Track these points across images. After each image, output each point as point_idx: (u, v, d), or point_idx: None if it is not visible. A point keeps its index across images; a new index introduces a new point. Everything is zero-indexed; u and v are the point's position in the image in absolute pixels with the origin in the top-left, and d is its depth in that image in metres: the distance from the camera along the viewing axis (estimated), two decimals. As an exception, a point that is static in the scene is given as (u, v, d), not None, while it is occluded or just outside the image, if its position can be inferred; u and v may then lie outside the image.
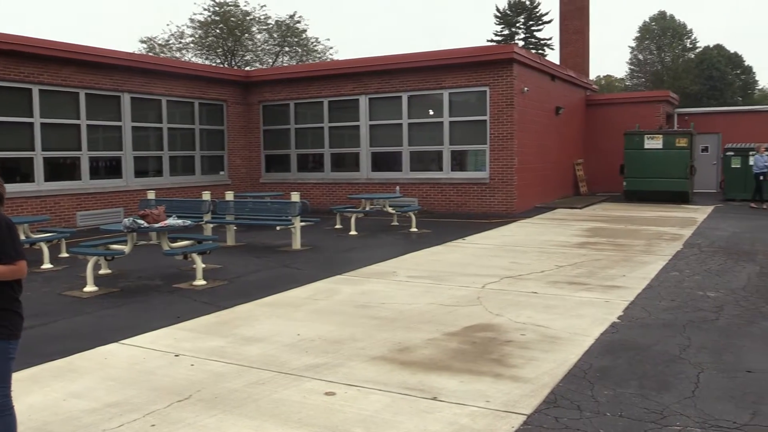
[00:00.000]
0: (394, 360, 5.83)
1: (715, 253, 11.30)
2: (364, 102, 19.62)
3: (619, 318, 7.15)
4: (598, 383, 5.22)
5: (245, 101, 21.36)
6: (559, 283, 8.96)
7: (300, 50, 49.65)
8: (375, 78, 19.32)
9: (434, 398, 4.93)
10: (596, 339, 6.37)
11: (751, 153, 20.54)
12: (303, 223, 12.90)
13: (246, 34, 47.41)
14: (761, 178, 19.45)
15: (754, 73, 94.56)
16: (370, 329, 6.81)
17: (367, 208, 15.52)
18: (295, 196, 12.83)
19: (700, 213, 17.87)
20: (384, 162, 19.66)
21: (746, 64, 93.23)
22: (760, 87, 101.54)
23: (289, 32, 48.38)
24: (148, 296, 8.68)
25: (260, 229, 14.77)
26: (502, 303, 7.83)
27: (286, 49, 49.44)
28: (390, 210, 15.66)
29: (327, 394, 5.05)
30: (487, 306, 7.69)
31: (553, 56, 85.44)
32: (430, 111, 18.94)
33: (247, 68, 44.35)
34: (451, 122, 18.49)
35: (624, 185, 21.46)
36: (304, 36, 49.47)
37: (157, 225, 9.34)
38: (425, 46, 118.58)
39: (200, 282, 9.21)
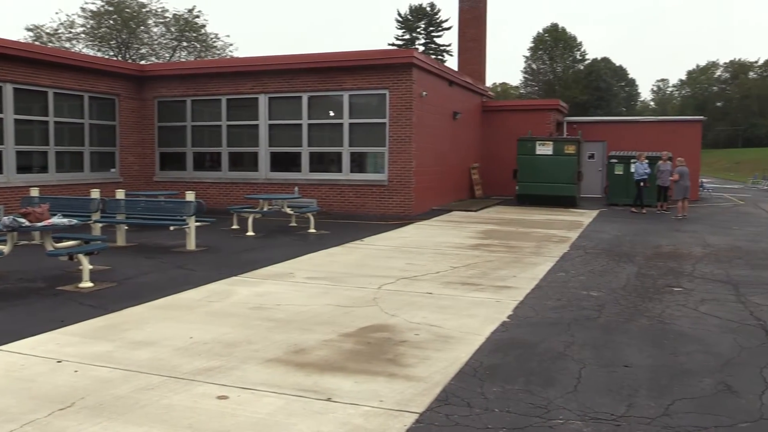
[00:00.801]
0: (289, 362, 5.80)
1: (599, 255, 11.92)
2: (263, 101, 19.38)
3: (509, 317, 7.41)
4: (487, 380, 5.40)
5: (139, 96, 20.61)
6: (453, 283, 9.19)
7: (198, 46, 48.46)
8: (275, 77, 19.12)
9: (328, 399, 4.94)
10: (487, 338, 6.58)
11: (632, 161, 21.79)
12: (198, 224, 12.58)
13: (142, 27, 45.75)
14: (642, 184, 20.68)
15: (636, 85, 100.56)
16: (265, 331, 6.74)
17: (265, 209, 15.34)
18: (191, 196, 12.50)
19: (586, 217, 18.80)
20: (283, 162, 19.49)
21: (630, 77, 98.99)
22: (641, 99, 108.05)
23: (187, 27, 47.11)
24: (30, 300, 8.21)
25: (153, 230, 14.29)
26: (397, 304, 7.94)
27: (184, 44, 48.14)
28: (288, 211, 15.54)
29: (219, 398, 4.95)
30: (383, 307, 7.79)
31: (452, 62, 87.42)
32: (331, 112, 18.95)
33: (142, 62, 42.81)
34: (350, 124, 18.57)
35: (517, 189, 22.26)
36: (203, 31, 48.33)
37: (39, 224, 8.86)
38: (328, 47, 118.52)
39: (87, 284, 8.80)
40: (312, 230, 14.80)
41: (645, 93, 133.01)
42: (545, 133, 24.47)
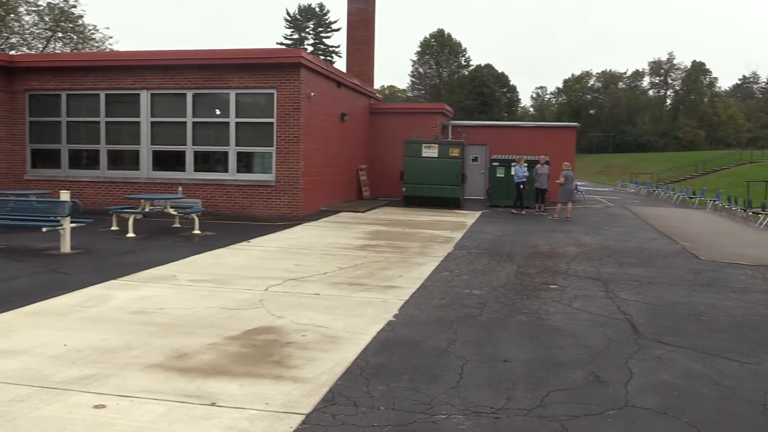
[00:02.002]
0: (171, 367, 5.63)
1: (481, 255, 12.35)
2: (145, 97, 18.67)
3: (394, 317, 7.54)
4: (373, 379, 5.48)
5: (8, 89, 19.30)
6: (340, 284, 9.24)
7: (75, 37, 46.01)
8: (158, 73, 18.48)
9: (213, 404, 4.85)
10: (373, 337, 6.67)
11: (513, 164, 22.72)
12: (74, 225, 11.95)
13: (12, 15, 42.85)
14: (521, 186, 21.61)
15: (517, 92, 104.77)
16: (146, 336, 6.51)
17: (147, 209, 14.79)
18: (65, 195, 11.86)
19: (469, 218, 19.41)
20: (166, 161, 18.86)
21: (511, 83, 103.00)
22: (522, 105, 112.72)
23: (62, 17, 44.60)
24: None
25: (24, 231, 13.44)
26: (284, 305, 7.90)
27: (59, 34, 45.54)
28: (172, 211, 15.06)
29: (96, 407, 4.74)
30: (270, 308, 7.71)
31: (341, 64, 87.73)
32: (217, 110, 18.54)
33: (12, 52, 40.13)
34: (237, 123, 18.24)
35: (403, 190, 22.65)
36: (80, 22, 45.92)
37: None
38: (215, 44, 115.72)
39: (-53, 290, 8.16)
40: (197, 231, 14.42)
41: (525, 99, 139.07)
42: (431, 136, 25.05)
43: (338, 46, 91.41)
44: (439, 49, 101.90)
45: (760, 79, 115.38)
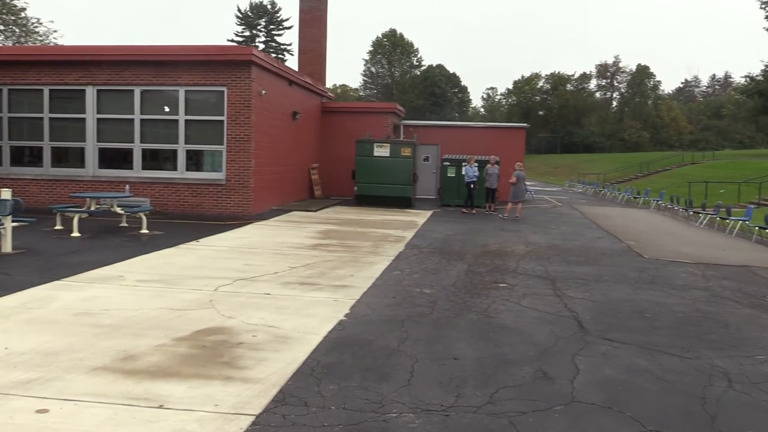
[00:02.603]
0: (117, 369, 5.52)
1: (432, 254, 12.44)
2: (91, 93, 18.22)
3: (346, 316, 7.55)
4: (324, 379, 5.47)
5: (-56, 83, 18.59)
6: (291, 284, 9.19)
7: (17, 30, 44.59)
8: (105, 68, 18.05)
9: (160, 406, 4.77)
10: (324, 337, 6.66)
11: (463, 164, 22.95)
12: (15, 224, 11.59)
13: (-53, 6, 41.35)
14: (472, 186, 21.85)
15: (468, 92, 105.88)
16: (91, 338, 6.36)
17: (93, 208, 14.44)
18: (6, 193, 11.49)
19: (421, 217, 19.53)
20: (113, 159, 18.44)
21: (462, 84, 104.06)
22: (473, 105, 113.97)
23: (4, 9, 43.17)
24: None
25: (-39, 230, 12.96)
26: (234, 305, 7.82)
27: (0, 27, 44.08)
28: (118, 210, 14.73)
29: (39, 411, 4.62)
30: (220, 309, 7.63)
31: (293, 62, 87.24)
32: (165, 108, 18.22)
33: (-52, 45, 38.67)
34: (187, 121, 17.96)
35: (355, 190, 22.66)
36: (22, 15, 44.53)
37: None
38: (166, 40, 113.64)
39: None
40: (144, 231, 14.14)
41: (476, 100, 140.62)
42: (383, 136, 25.12)
43: (290, 44, 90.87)
44: (392, 48, 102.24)
45: (701, 82, 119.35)
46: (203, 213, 17.74)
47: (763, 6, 52.49)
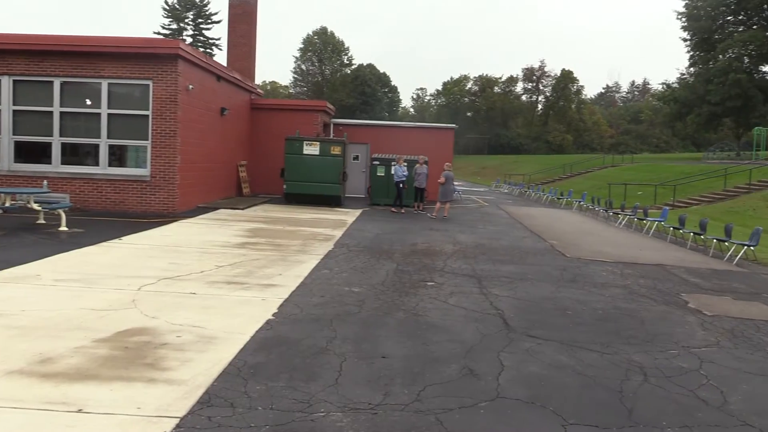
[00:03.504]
0: (33, 373, 5.30)
1: (361, 252, 12.47)
2: (6, 84, 17.38)
3: (274, 315, 7.48)
4: (251, 379, 5.41)
5: None
6: (218, 283, 9.04)
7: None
8: (22, 58, 17.26)
9: (80, 410, 4.61)
10: (252, 337, 6.58)
11: (393, 163, 23.09)
12: None
13: None
14: (401, 186, 22.00)
15: (398, 92, 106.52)
16: (5, 340, 6.08)
17: (7, 204, 13.80)
18: None
19: (350, 216, 19.53)
20: (30, 153, 17.65)
21: (393, 84, 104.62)
22: (403, 105, 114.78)
23: None
24: None
25: None
26: (158, 305, 7.62)
27: None
28: (36, 207, 14.11)
29: (-54, 417, 4.39)
30: (143, 309, 7.42)
31: (221, 57, 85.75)
32: (87, 101, 17.58)
33: None
34: (110, 114, 17.38)
35: (284, 188, 22.45)
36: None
37: None
38: (90, 31, 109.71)
39: None
40: (63, 228, 13.61)
41: (406, 100, 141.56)
42: (312, 134, 24.99)
43: (219, 39, 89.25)
44: (322, 46, 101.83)
45: (621, 88, 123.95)
46: (127, 210, 17.22)
47: (680, 17, 54.96)
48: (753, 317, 8.77)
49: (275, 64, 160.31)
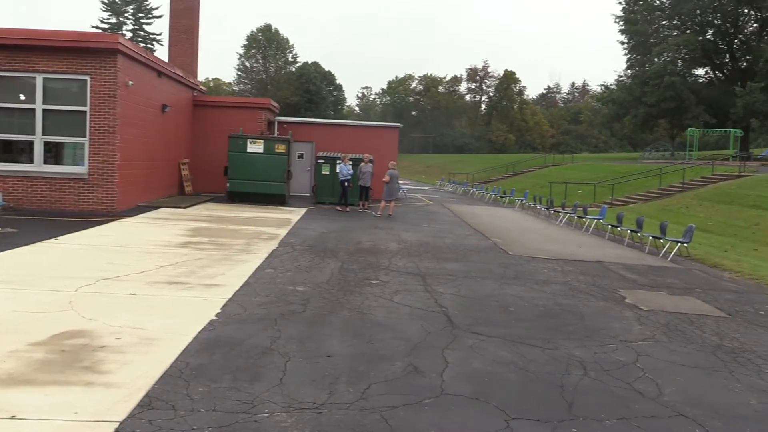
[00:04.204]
0: (-38, 378, 5.09)
1: (306, 251, 12.40)
2: (-68, 77, 16.63)
3: (217, 315, 7.37)
4: (193, 381, 5.32)
5: None
6: (159, 283, 8.85)
7: None
8: (-52, 51, 16.53)
9: (13, 417, 4.45)
10: (194, 338, 6.47)
11: (338, 162, 23.02)
12: None
13: None
14: (346, 184, 21.96)
15: (343, 91, 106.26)
16: (-68, 345, 5.82)
17: (-66, 203, 13.22)
18: None
19: (295, 214, 19.41)
20: (-41, 150, 16.93)
21: (338, 82, 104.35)
22: (348, 104, 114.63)
23: None
24: None
25: None
26: (96, 307, 7.42)
27: None
28: (-35, 205, 13.58)
29: None
30: (80, 310, 7.21)
31: (163, 53, 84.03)
32: (21, 95, 16.95)
33: None
34: (45, 110, 16.80)
35: (228, 186, 22.15)
36: None
37: None
38: (24, 24, 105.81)
39: None
40: (-5, 228, 13.11)
41: (351, 99, 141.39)
42: (257, 132, 24.72)
43: (160, 34, 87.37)
44: (267, 43, 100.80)
45: (562, 89, 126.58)
46: (63, 209, 16.69)
47: (618, 20, 56.49)
48: (686, 311, 9.09)
49: (218, 60, 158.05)
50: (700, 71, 55.88)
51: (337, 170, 22.68)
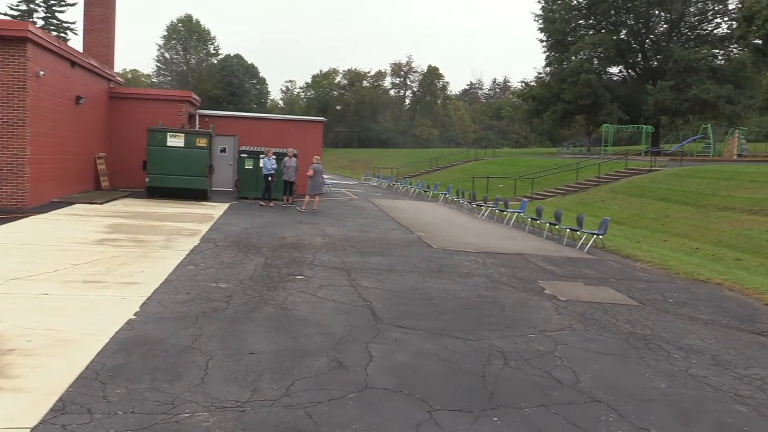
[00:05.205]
0: None
1: (229, 247, 12.20)
2: None
3: (135, 315, 7.16)
4: (110, 383, 5.15)
5: None
6: (73, 282, 8.52)
7: None
8: None
9: None
10: (111, 338, 6.27)
11: (261, 156, 22.72)
12: None
13: None
14: (269, 179, 21.71)
15: (267, 84, 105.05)
16: None
17: None
18: None
19: (217, 210, 19.04)
20: None
21: (261, 75, 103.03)
22: (272, 97, 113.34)
23: None
24: None
25: None
26: (6, 307, 7.07)
27: None
28: None
29: None
30: (-12, 312, 6.86)
31: (77, 42, 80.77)
32: None
33: None
34: (-54, 101, 15.87)
35: (147, 181, 21.51)
36: None
37: None
38: None
39: None
40: None
41: (275, 92, 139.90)
42: (177, 125, 24.09)
43: (74, 23, 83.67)
44: (187, 35, 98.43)
45: (484, 85, 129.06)
46: (-32, 206, 15.82)
47: (537, 19, 57.96)
48: (601, 301, 9.44)
49: (137, 51, 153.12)
50: (614, 69, 57.98)
51: (261, 165, 22.38)
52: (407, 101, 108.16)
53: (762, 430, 5.18)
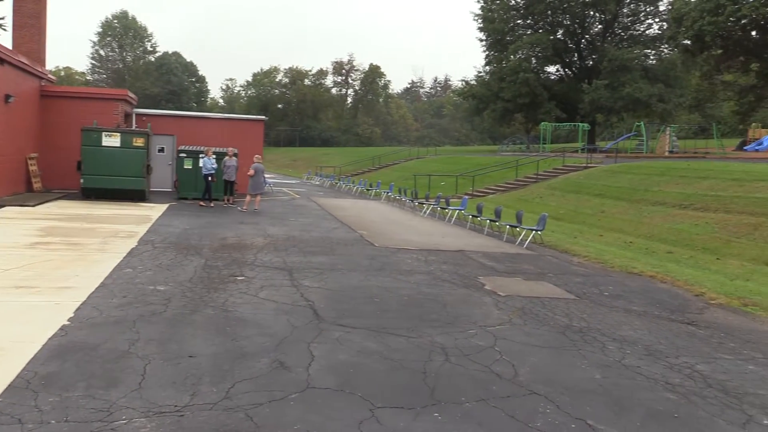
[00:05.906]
0: None
1: (167, 249, 11.97)
2: None
3: (69, 320, 6.96)
4: (43, 391, 5.00)
5: None
6: (4, 288, 8.22)
7: None
8: None
9: None
10: (43, 345, 6.08)
11: (201, 156, 22.33)
12: None
13: None
14: (210, 179, 21.37)
15: (207, 82, 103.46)
16: None
17: None
18: None
19: (155, 211, 18.65)
20: None
21: (201, 73, 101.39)
22: (212, 96, 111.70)
23: None
24: None
25: None
26: (-70, 316, 6.78)
27: None
28: None
29: None
30: None
31: (5, 39, 77.79)
32: None
33: None
34: None
35: (81, 182, 20.91)
36: None
37: None
38: None
39: None
40: None
41: (215, 91, 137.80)
42: (113, 124, 23.47)
43: (2, 18, 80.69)
44: (123, 31, 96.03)
45: (425, 84, 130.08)
46: None
47: (476, 18, 58.69)
48: (540, 295, 9.65)
49: (70, 48, 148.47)
50: (552, 69, 59.18)
51: (201, 164, 22.00)
52: (349, 100, 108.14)
53: (690, 416, 5.39)
